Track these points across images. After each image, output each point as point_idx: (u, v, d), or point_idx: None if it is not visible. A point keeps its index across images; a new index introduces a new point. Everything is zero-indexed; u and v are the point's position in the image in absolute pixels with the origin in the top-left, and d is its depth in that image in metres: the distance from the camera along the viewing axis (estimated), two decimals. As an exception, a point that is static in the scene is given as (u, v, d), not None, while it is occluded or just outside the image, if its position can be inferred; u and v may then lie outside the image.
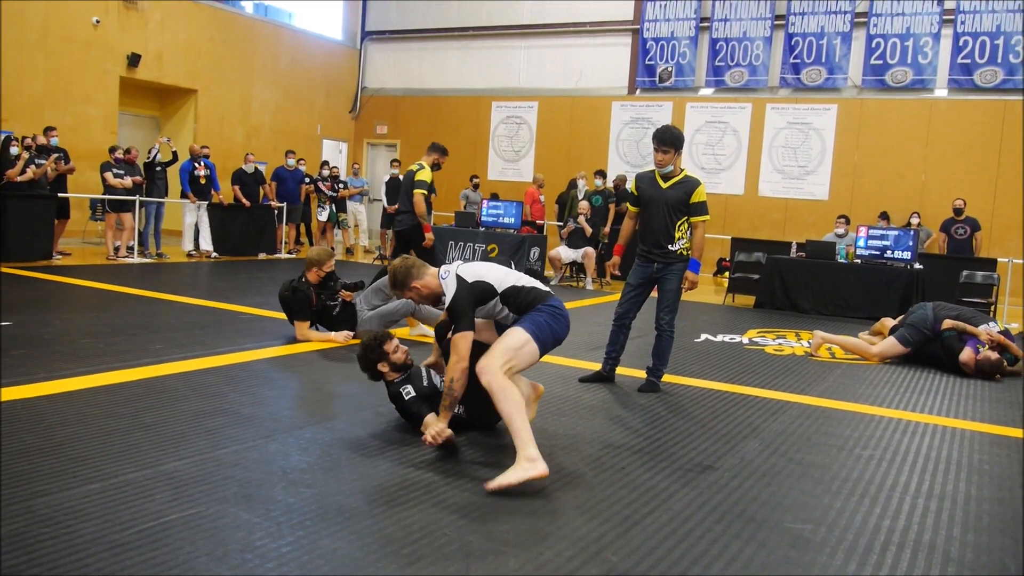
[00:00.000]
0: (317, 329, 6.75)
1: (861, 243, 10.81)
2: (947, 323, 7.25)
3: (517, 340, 3.89)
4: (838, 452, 4.43)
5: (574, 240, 12.73)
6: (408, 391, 4.19)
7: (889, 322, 8.12)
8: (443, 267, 4.11)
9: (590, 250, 12.55)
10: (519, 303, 4.07)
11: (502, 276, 4.12)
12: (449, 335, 4.03)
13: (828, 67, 15.23)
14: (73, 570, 2.54)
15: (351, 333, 6.67)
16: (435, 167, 7.94)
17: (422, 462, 3.79)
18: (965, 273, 11.11)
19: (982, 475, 4.17)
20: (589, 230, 12.63)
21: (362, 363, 4.33)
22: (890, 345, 7.47)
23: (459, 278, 3.97)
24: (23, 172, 10.99)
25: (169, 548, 2.73)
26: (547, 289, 4.20)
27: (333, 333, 6.66)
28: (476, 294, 3.98)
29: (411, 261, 4.15)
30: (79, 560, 2.60)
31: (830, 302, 10.61)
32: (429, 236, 8.00)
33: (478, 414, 4.32)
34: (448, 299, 3.95)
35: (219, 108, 16.74)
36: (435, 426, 3.84)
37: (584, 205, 13.02)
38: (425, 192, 7.88)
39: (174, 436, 3.93)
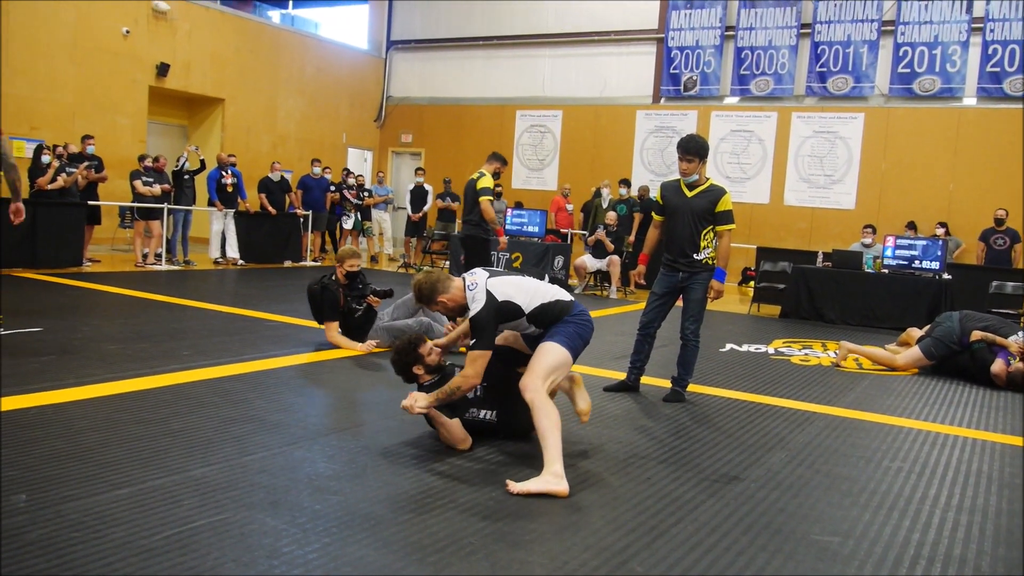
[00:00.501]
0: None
1: (889, 253, 10.71)
2: (976, 335, 7.13)
3: (558, 359, 3.98)
4: (866, 464, 4.39)
5: (599, 249, 12.70)
6: None
7: (916, 332, 8.01)
8: (469, 278, 4.08)
9: (615, 258, 12.52)
10: (546, 320, 4.11)
11: (530, 295, 4.09)
12: (468, 342, 4.03)
13: (855, 75, 15.12)
14: (103, 574, 2.56)
15: (374, 343, 6.68)
16: (495, 175, 8.15)
17: (448, 470, 3.79)
18: (995, 283, 10.97)
19: (1014, 488, 4.11)
20: (610, 246, 12.57)
21: (397, 366, 4.34)
22: (914, 357, 7.38)
23: (489, 294, 3.95)
24: (53, 180, 11.14)
25: (197, 554, 2.75)
26: (571, 298, 4.22)
27: (360, 345, 6.66)
28: (503, 313, 4.00)
29: (436, 275, 4.15)
30: (108, 564, 2.63)
31: (857, 312, 10.52)
32: (503, 240, 8.46)
33: (507, 423, 4.34)
34: (473, 311, 3.94)
35: (246, 117, 16.90)
36: (422, 400, 3.94)
37: (612, 216, 12.98)
38: (491, 198, 8.04)
39: (201, 442, 3.96)
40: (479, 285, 3.99)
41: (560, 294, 4.20)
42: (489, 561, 2.84)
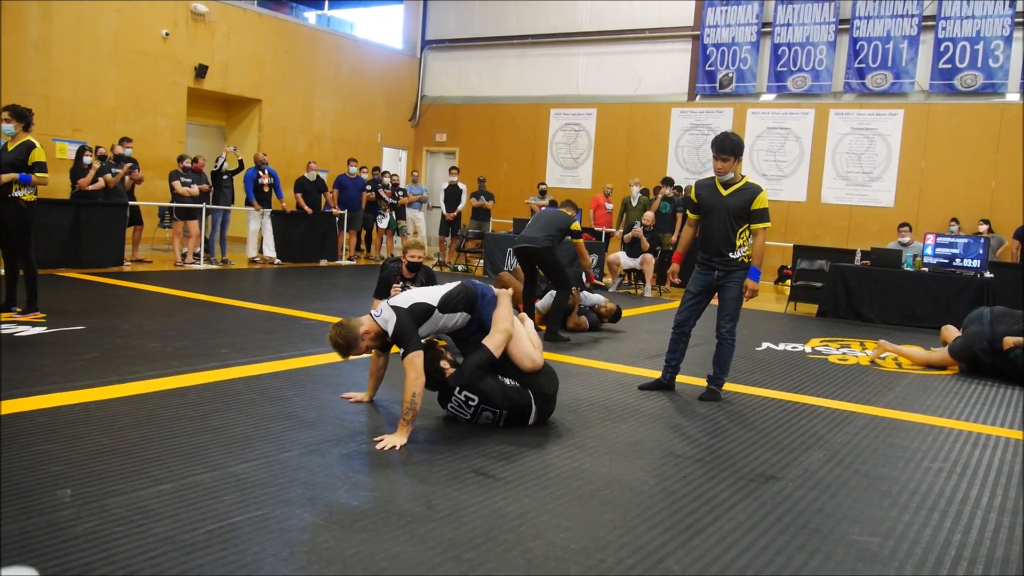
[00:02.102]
0: None
1: (929, 251, 10.54)
2: (1008, 342, 6.89)
3: (520, 336, 4.62)
4: (905, 464, 4.34)
5: (634, 247, 12.66)
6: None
7: (952, 331, 7.85)
8: (372, 310, 4.55)
9: (648, 256, 12.47)
10: (459, 306, 4.61)
11: (433, 293, 4.59)
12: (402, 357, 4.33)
13: (894, 71, 14.91)
14: (145, 568, 2.61)
15: None
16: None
17: (483, 466, 3.81)
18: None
19: (1058, 490, 4.04)
20: (646, 244, 12.53)
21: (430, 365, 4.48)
22: (942, 356, 7.29)
23: (395, 308, 4.39)
24: (95, 181, 11.34)
25: (237, 548, 2.79)
26: (463, 282, 4.76)
27: None
28: (416, 315, 4.42)
29: (340, 323, 4.40)
30: (151, 559, 2.68)
31: (896, 311, 10.37)
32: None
33: (518, 416, 4.56)
34: (391, 328, 4.33)
35: (282, 117, 17.07)
36: (396, 440, 4.09)
37: (649, 215, 12.92)
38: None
39: (240, 439, 4.01)
40: (383, 308, 4.44)
41: (459, 283, 4.73)
42: (525, 558, 2.85)
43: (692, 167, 16.53)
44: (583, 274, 8.89)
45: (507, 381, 4.54)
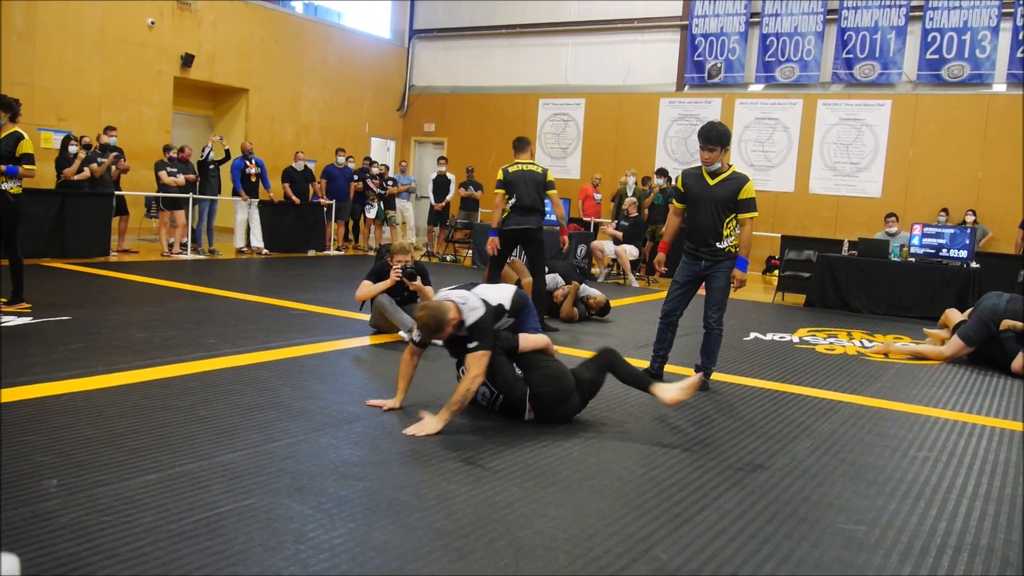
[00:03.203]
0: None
1: (916, 241, 10.59)
2: (1005, 323, 7.01)
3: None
4: (892, 453, 4.36)
5: (628, 237, 12.68)
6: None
7: (954, 314, 7.85)
8: (454, 295, 4.47)
9: (620, 248, 12.49)
10: (516, 310, 4.73)
11: (503, 292, 4.72)
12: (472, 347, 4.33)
13: (882, 62, 14.95)
14: (132, 557, 2.60)
15: (400, 274, 6.66)
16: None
17: (472, 457, 3.81)
18: (1023, 272, 10.82)
19: (1042, 478, 4.07)
20: (619, 235, 12.61)
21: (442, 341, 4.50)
22: (956, 346, 7.28)
23: (483, 301, 4.43)
24: (80, 171, 11.26)
25: (225, 538, 2.78)
26: (519, 289, 4.91)
27: (386, 281, 6.69)
28: (497, 315, 4.52)
29: (431, 304, 4.38)
30: (138, 548, 2.67)
31: (883, 301, 10.43)
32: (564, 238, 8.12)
33: (547, 415, 4.53)
34: (474, 319, 4.32)
35: (270, 107, 16.98)
36: (432, 427, 4.13)
37: (629, 201, 12.97)
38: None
39: (228, 429, 4.00)
40: (469, 297, 4.43)
41: (519, 289, 4.88)
42: (514, 547, 2.86)
43: (680, 157, 16.54)
44: (572, 254, 8.80)
45: (518, 371, 4.55)
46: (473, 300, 4.41)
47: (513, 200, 7.54)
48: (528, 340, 4.61)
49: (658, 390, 4.51)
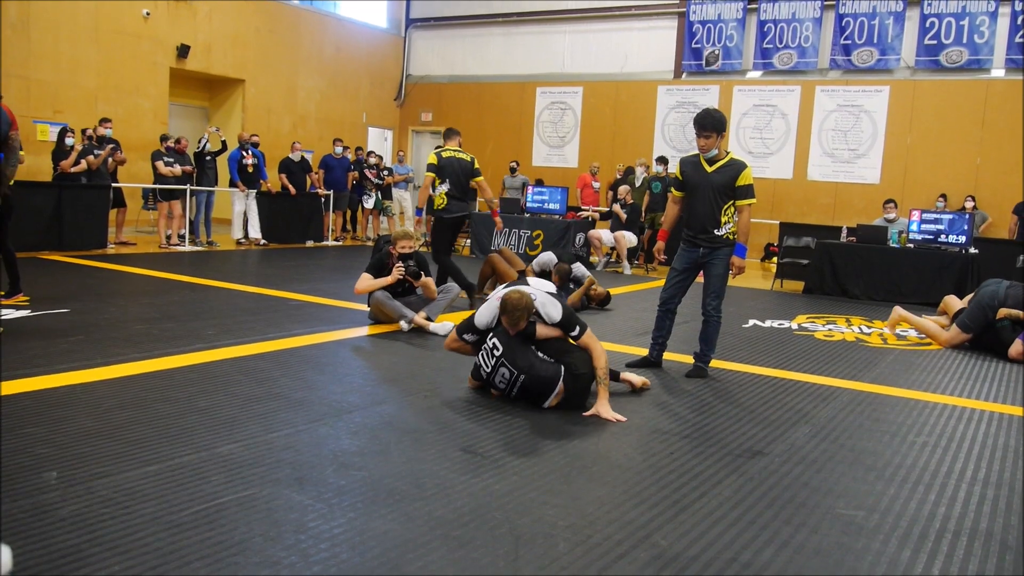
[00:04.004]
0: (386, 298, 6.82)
1: (914, 227, 10.58)
2: (1002, 312, 6.99)
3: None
4: (890, 439, 4.37)
5: (618, 226, 12.69)
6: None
7: (953, 301, 7.87)
8: (534, 292, 4.68)
9: (618, 234, 12.50)
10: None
11: (548, 284, 5.13)
12: (573, 337, 4.67)
13: (880, 48, 14.90)
14: (132, 549, 2.60)
15: (402, 271, 6.67)
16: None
17: (471, 446, 3.82)
18: (1022, 257, 10.82)
19: (1041, 463, 4.08)
20: (623, 216, 12.66)
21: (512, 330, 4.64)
22: (955, 334, 7.30)
23: (551, 295, 4.75)
24: (77, 163, 11.23)
25: (225, 528, 2.79)
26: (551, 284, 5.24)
27: (388, 277, 6.69)
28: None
29: (524, 292, 4.57)
30: (138, 539, 2.67)
31: (881, 288, 10.42)
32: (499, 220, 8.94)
33: (574, 400, 4.59)
34: (558, 317, 4.60)
35: (266, 98, 16.93)
36: (609, 412, 4.41)
37: (623, 189, 13.00)
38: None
39: (227, 420, 4.00)
40: (538, 294, 4.67)
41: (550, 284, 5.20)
42: (513, 535, 2.86)
43: (678, 145, 16.51)
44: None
45: (540, 354, 4.58)
46: (543, 297, 4.65)
47: (447, 187, 8.05)
48: (545, 327, 4.67)
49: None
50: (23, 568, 2.44)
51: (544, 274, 8.52)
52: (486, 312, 4.70)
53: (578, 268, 8.70)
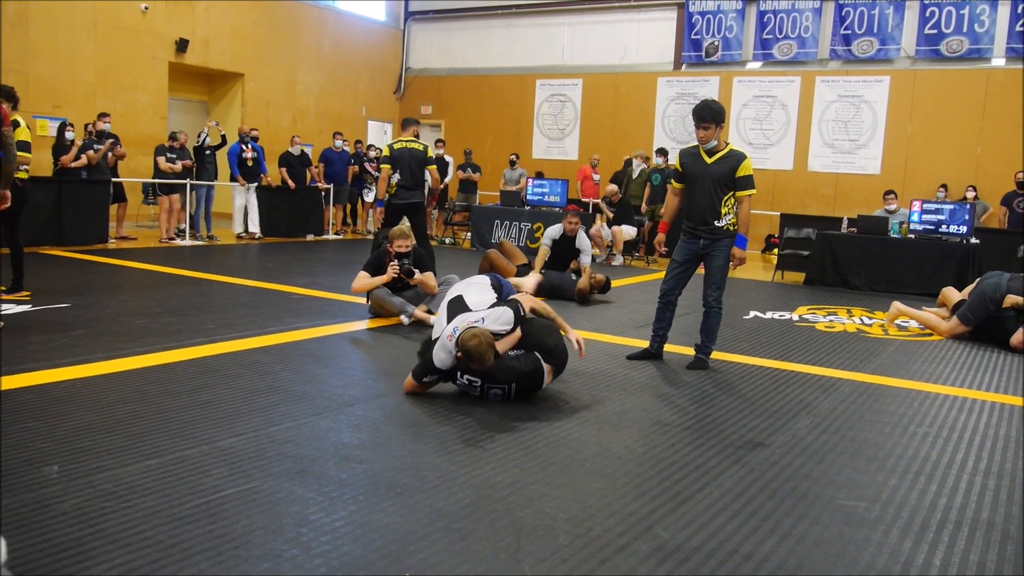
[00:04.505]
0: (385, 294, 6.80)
1: (915, 218, 10.57)
2: (1009, 299, 6.97)
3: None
4: (892, 429, 4.37)
5: (618, 219, 12.69)
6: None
7: (952, 293, 7.87)
8: (469, 323, 4.44)
9: (615, 229, 12.52)
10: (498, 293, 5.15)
11: (483, 286, 5.16)
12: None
13: (880, 38, 14.86)
14: (134, 542, 2.60)
15: (397, 269, 6.65)
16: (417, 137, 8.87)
17: (472, 438, 3.82)
18: (1023, 248, 10.81)
19: (1042, 452, 4.08)
20: (609, 214, 12.72)
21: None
22: (955, 325, 7.30)
23: (493, 306, 4.69)
24: (77, 158, 11.22)
25: (226, 521, 2.79)
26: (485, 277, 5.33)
27: (383, 276, 6.68)
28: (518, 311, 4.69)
29: (487, 342, 4.23)
30: (140, 532, 2.67)
31: (882, 278, 10.41)
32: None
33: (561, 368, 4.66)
34: (511, 323, 4.48)
35: (265, 92, 16.90)
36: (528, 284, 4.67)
37: (612, 188, 13.04)
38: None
39: (229, 413, 4.00)
40: (488, 322, 4.44)
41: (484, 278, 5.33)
42: (515, 527, 2.86)
43: (679, 137, 16.49)
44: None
45: (510, 353, 4.50)
46: (490, 320, 4.44)
47: (397, 177, 8.39)
48: (506, 339, 4.54)
49: None
50: (25, 561, 2.44)
51: (561, 242, 8.76)
52: (442, 354, 4.40)
53: (582, 241, 8.80)
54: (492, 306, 4.72)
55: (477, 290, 5.03)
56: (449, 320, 4.61)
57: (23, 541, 2.56)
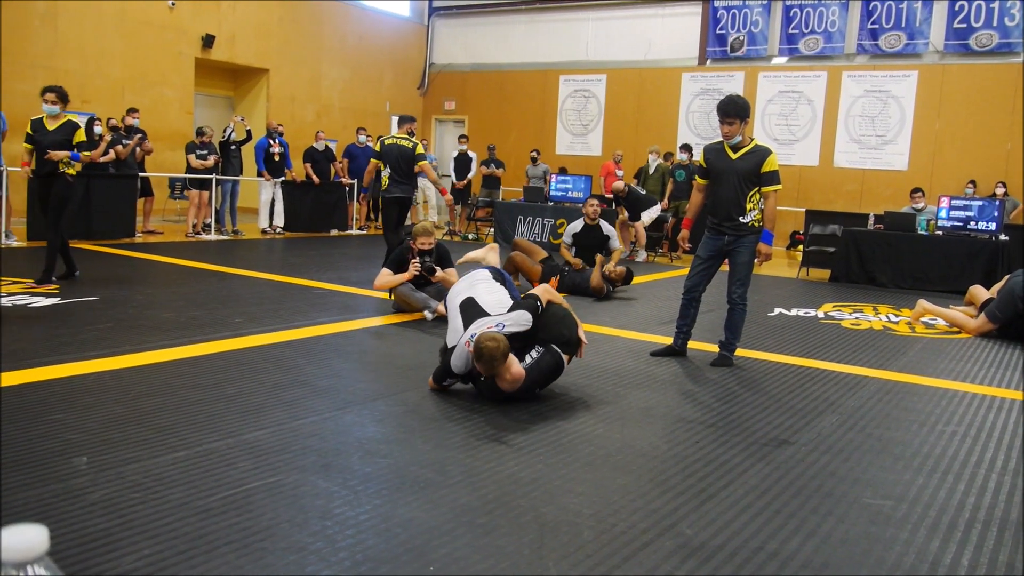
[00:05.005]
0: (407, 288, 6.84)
1: (943, 214, 10.45)
2: None
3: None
4: (919, 428, 4.32)
5: (634, 213, 12.67)
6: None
7: (979, 291, 7.78)
8: (500, 320, 4.43)
9: (638, 223, 12.48)
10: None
11: (489, 281, 4.98)
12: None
13: (908, 32, 14.69)
14: (161, 533, 2.63)
15: (418, 267, 6.69)
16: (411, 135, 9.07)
17: (496, 434, 3.82)
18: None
19: (1073, 452, 4.02)
20: (624, 216, 12.70)
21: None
22: (982, 322, 7.23)
23: (514, 312, 4.52)
24: (106, 153, 11.33)
25: (252, 514, 2.81)
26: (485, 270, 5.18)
27: (406, 273, 6.71)
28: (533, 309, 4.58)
29: (503, 345, 4.15)
30: (167, 524, 2.70)
31: (909, 275, 10.31)
32: (448, 197, 9.33)
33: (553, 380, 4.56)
34: (519, 329, 4.39)
35: (290, 87, 16.99)
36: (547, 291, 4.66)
37: (619, 185, 12.99)
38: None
39: (254, 407, 4.03)
40: (506, 327, 4.36)
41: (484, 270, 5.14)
42: (538, 523, 2.87)
43: (703, 132, 16.39)
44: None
45: (532, 354, 4.43)
46: (508, 325, 4.35)
47: (388, 171, 8.66)
48: (542, 291, 4.71)
49: None
50: (55, 551, 2.47)
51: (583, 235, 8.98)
52: (459, 362, 4.37)
53: (606, 227, 9.02)
54: (510, 309, 4.58)
55: (486, 288, 4.85)
56: (466, 326, 4.47)
57: (53, 531, 2.59)
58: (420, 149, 8.79)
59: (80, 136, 7.39)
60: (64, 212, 7.43)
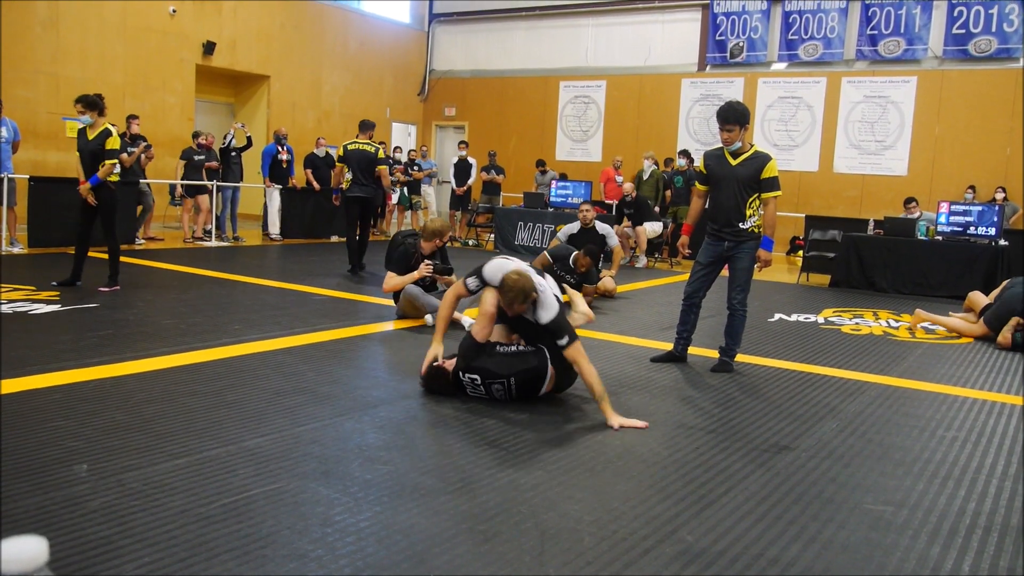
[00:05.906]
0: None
1: (942, 219, 10.45)
2: None
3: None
4: (919, 433, 4.32)
5: (639, 218, 12.68)
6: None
7: (979, 297, 7.79)
8: (535, 278, 4.44)
9: (640, 228, 12.47)
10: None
11: (552, 284, 4.70)
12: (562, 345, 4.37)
13: (907, 38, 14.72)
14: (162, 541, 2.63)
15: (430, 267, 6.70)
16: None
17: (497, 440, 3.82)
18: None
19: (1073, 458, 4.02)
20: (627, 220, 12.70)
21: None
22: (982, 328, 7.23)
23: (556, 298, 4.46)
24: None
25: (252, 521, 2.81)
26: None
27: (414, 273, 6.71)
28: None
29: (528, 279, 4.34)
30: (167, 532, 2.70)
31: (909, 280, 10.31)
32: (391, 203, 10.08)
33: (564, 382, 4.63)
34: (550, 318, 4.34)
35: (291, 93, 17.01)
36: (630, 421, 4.19)
37: (628, 186, 13.01)
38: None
39: (255, 414, 4.03)
40: (546, 288, 4.44)
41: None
42: (539, 529, 2.87)
43: (703, 138, 16.41)
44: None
45: (506, 349, 4.51)
46: (546, 296, 4.40)
47: (350, 174, 9.52)
48: (500, 329, 4.69)
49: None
50: (55, 559, 2.47)
51: (580, 237, 9.04)
52: (495, 269, 4.50)
53: (602, 227, 9.12)
54: (556, 296, 4.58)
55: (551, 283, 4.77)
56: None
57: (53, 538, 2.59)
58: (381, 154, 9.58)
59: (111, 144, 7.43)
60: (115, 218, 7.71)
